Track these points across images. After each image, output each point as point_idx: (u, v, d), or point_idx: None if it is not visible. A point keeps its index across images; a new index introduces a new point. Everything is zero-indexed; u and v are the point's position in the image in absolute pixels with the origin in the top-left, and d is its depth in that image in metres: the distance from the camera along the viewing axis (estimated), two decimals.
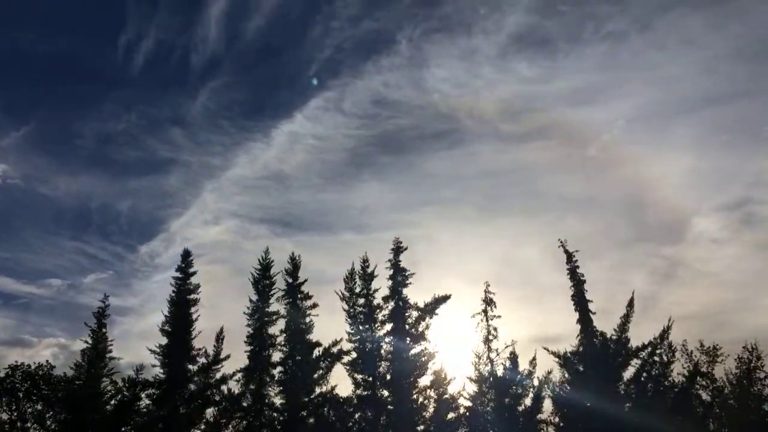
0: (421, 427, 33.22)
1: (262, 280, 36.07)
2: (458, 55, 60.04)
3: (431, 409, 33.48)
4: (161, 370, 33.67)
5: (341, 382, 34.74)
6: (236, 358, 34.83)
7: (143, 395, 33.50)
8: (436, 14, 60.14)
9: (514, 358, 33.89)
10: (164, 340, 34.33)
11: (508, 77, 59.07)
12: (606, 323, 32.35)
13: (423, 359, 34.19)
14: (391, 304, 35.14)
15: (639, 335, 31.68)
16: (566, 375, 33.10)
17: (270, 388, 34.05)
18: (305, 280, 35.95)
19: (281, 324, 35.26)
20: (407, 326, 34.70)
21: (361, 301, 35.42)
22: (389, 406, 33.43)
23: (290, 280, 35.99)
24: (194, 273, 35.99)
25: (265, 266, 36.45)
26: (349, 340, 34.82)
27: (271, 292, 35.87)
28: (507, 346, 33.92)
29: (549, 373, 33.58)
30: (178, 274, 35.84)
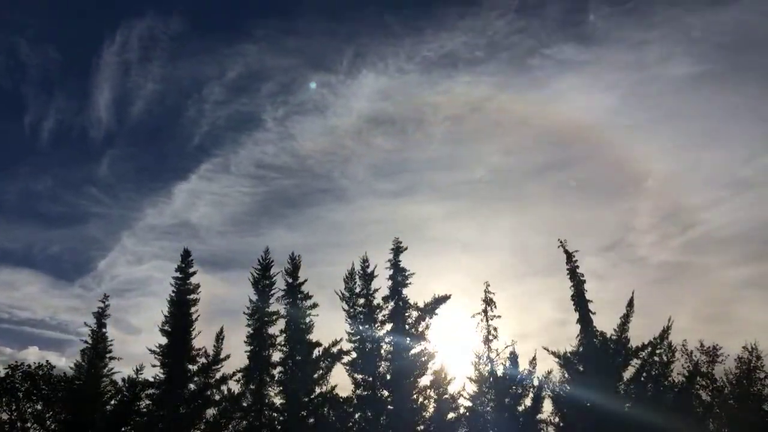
0: (421, 427, 33.23)
1: (262, 280, 36.08)
2: (321, 132, 71.17)
3: (431, 409, 33.50)
4: (161, 370, 33.67)
5: (341, 382, 34.83)
6: (236, 358, 34.92)
7: (143, 395, 33.52)
8: (292, 101, 68.72)
9: (514, 358, 33.92)
10: (164, 340, 34.35)
11: (370, 149, 67.71)
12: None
13: (423, 359, 34.19)
14: (391, 304, 35.15)
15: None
16: (566, 375, 33.11)
17: (270, 388, 34.07)
18: (305, 280, 36.04)
19: (281, 324, 35.32)
20: (407, 326, 34.71)
21: (361, 301, 35.43)
22: (389, 406, 33.42)
23: (290, 280, 36.00)
24: (194, 273, 36.04)
25: (265, 266, 36.44)
26: (349, 340, 34.84)
27: (271, 292, 35.90)
28: (507, 346, 33.99)
29: (549, 373, 33.68)
30: (177, 274, 35.85)
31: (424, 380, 34.00)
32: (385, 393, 33.78)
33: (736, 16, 61.50)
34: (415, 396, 33.58)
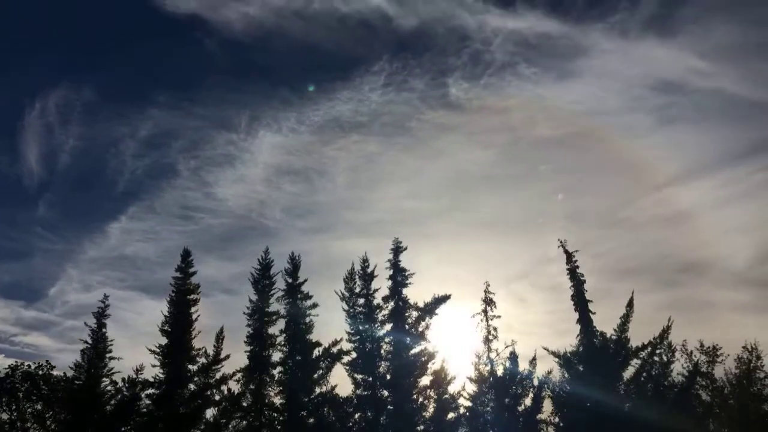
0: (421, 427, 33.22)
1: (262, 280, 36.08)
2: (234, 180, 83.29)
3: (431, 409, 33.49)
4: (161, 370, 33.66)
5: (341, 382, 34.82)
6: (236, 358, 34.92)
7: (143, 395, 33.51)
8: (202, 155, 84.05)
9: (514, 358, 33.91)
10: (164, 340, 34.34)
11: (282, 193, 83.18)
12: None
13: (423, 359, 34.19)
14: (391, 304, 35.16)
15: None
16: (566, 375, 33.11)
17: (270, 388, 34.06)
18: (305, 280, 36.06)
19: (281, 324, 35.32)
20: (407, 326, 34.71)
21: (361, 301, 35.44)
22: (389, 406, 33.44)
23: (290, 280, 36.00)
24: (194, 273, 36.02)
25: (265, 266, 36.45)
26: (349, 340, 34.84)
27: (271, 292, 35.89)
28: (507, 346, 33.99)
29: (549, 373, 33.65)
30: (177, 274, 35.85)
31: (424, 380, 34.07)
32: (385, 393, 33.78)
33: (582, 90, 73.32)
34: (415, 396, 33.57)
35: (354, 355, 34.55)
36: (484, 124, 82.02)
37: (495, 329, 34.06)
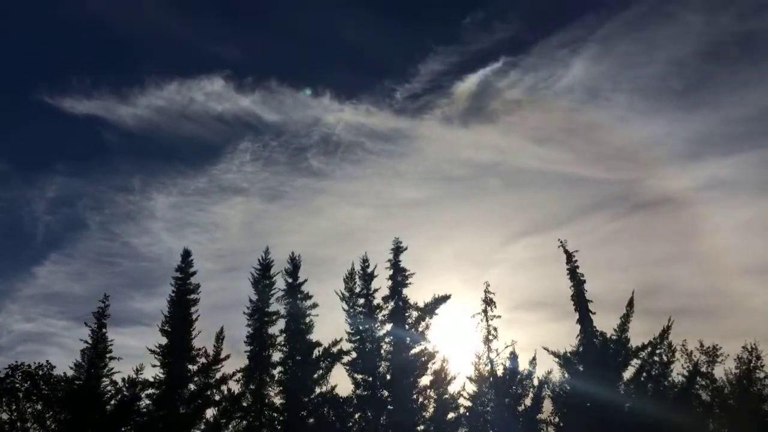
0: (421, 427, 33.23)
1: (262, 280, 36.07)
2: (141, 231, 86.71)
3: (431, 409, 33.49)
4: (161, 370, 33.67)
5: (341, 382, 34.85)
6: (236, 358, 34.93)
7: (143, 395, 33.51)
8: (107, 212, 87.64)
9: (514, 358, 33.92)
10: (164, 340, 34.35)
11: (185, 241, 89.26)
12: None
13: (423, 359, 34.20)
14: (391, 304, 35.17)
15: None
16: (566, 375, 33.12)
17: (270, 388, 34.06)
18: (305, 280, 36.06)
19: (281, 324, 35.33)
20: (407, 326, 34.72)
21: (361, 301, 35.44)
22: (389, 406, 33.44)
23: (290, 280, 36.01)
24: (194, 273, 36.03)
25: (265, 266, 36.45)
26: (349, 340, 34.84)
27: (271, 292, 35.89)
28: (507, 346, 34.00)
29: (549, 373, 33.70)
30: (177, 274, 35.84)
31: (424, 380, 34.05)
32: (385, 393, 33.78)
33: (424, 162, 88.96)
34: (415, 396, 33.57)
35: (354, 355, 34.55)
36: (350, 189, 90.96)
37: (495, 329, 34.12)
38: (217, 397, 34.01)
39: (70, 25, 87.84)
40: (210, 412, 33.81)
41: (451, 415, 33.61)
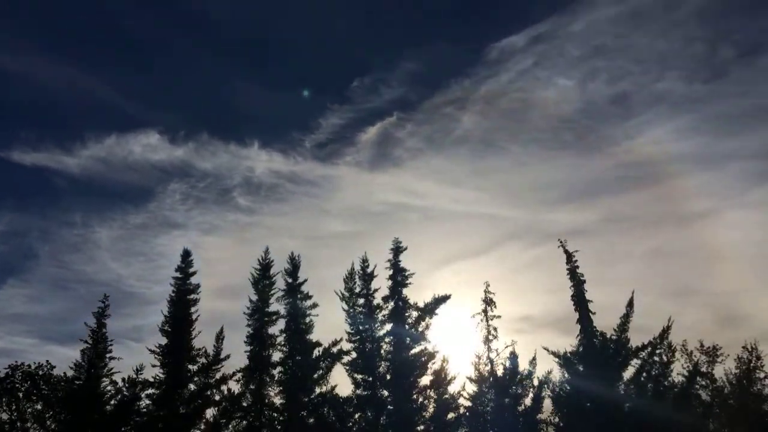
0: (421, 427, 33.22)
1: (262, 280, 36.06)
2: (86, 260, 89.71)
3: (431, 409, 33.48)
4: (161, 370, 33.66)
5: (341, 382, 34.83)
6: (236, 358, 34.93)
7: (143, 395, 33.51)
8: (56, 242, 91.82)
9: (514, 358, 33.90)
10: (164, 340, 34.35)
11: (129, 269, 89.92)
12: None
13: (423, 359, 34.18)
14: (391, 304, 35.16)
15: None
16: (566, 375, 33.11)
17: (270, 388, 34.05)
18: (305, 280, 36.04)
19: (281, 324, 35.32)
20: (407, 326, 34.72)
21: (361, 301, 35.44)
22: (389, 406, 33.43)
23: (290, 280, 36.00)
24: (194, 273, 36.02)
25: (265, 266, 36.44)
26: (349, 340, 34.83)
27: (271, 292, 35.89)
28: (507, 346, 33.99)
29: (549, 373, 33.66)
30: (177, 274, 35.85)
31: (424, 380, 34.02)
32: (385, 393, 33.78)
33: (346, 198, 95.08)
34: (415, 396, 33.57)
35: (354, 355, 34.54)
36: (279, 223, 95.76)
37: (495, 329, 34.11)
38: (217, 397, 34.02)
39: (13, 83, 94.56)
40: (210, 412, 33.85)
41: (451, 415, 33.60)
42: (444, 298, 34.89)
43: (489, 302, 34.52)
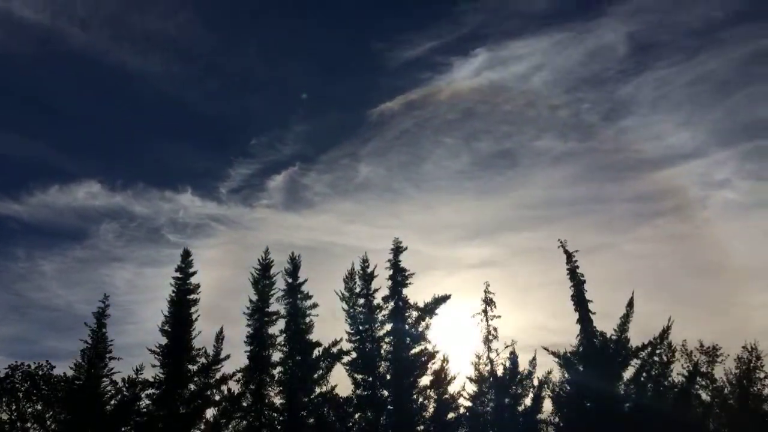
0: (421, 427, 33.23)
1: (262, 280, 36.07)
2: (34, 288, 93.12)
3: (431, 409, 33.49)
4: (161, 370, 33.66)
5: (341, 382, 34.82)
6: (236, 358, 34.93)
7: (143, 395, 33.50)
8: (7, 276, 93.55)
9: (514, 358, 33.90)
10: (164, 340, 34.35)
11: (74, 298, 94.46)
12: None
13: (423, 359, 34.19)
14: (391, 304, 35.16)
15: None
16: (566, 375, 33.11)
17: (270, 388, 34.05)
18: (305, 280, 36.05)
19: (281, 324, 35.32)
20: (407, 326, 34.71)
21: (361, 301, 35.43)
22: (389, 406, 33.44)
23: (290, 280, 36.00)
24: (194, 273, 36.02)
25: (265, 266, 36.44)
26: (349, 340, 34.84)
27: (271, 292, 35.89)
28: (507, 346, 33.98)
29: (549, 373, 33.65)
30: (177, 274, 35.84)
31: (424, 380, 34.05)
32: (385, 393, 33.78)
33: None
34: (415, 396, 33.57)
35: (354, 355, 34.54)
36: (208, 255, 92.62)
37: (495, 329, 34.10)
38: (217, 397, 34.04)
39: None
40: (210, 412, 33.88)
41: (451, 415, 33.60)
42: (444, 298, 34.90)
43: (489, 302, 34.51)
